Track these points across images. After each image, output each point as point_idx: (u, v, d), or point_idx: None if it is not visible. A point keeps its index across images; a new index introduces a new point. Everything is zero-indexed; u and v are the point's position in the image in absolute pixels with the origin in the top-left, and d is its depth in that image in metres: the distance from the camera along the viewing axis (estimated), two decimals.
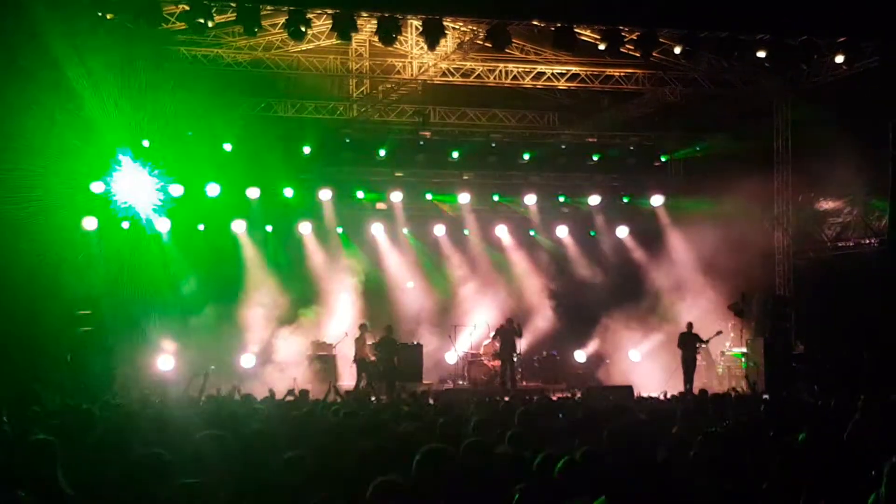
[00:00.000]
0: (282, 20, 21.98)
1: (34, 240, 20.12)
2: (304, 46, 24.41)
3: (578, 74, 25.73)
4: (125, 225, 26.68)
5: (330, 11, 20.71)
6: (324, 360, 25.87)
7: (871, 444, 8.37)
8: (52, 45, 18.41)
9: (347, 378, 25.50)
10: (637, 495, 6.01)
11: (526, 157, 28.74)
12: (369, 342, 25.20)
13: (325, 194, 28.27)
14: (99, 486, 6.96)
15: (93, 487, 6.94)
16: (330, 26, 21.22)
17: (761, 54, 22.16)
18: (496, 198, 29.96)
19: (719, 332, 25.24)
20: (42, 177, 20.28)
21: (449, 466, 6.42)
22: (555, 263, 30.50)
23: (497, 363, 26.29)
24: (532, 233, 30.95)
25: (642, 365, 26.96)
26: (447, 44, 23.93)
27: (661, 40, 22.27)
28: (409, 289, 29.56)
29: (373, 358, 24.89)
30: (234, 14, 20.38)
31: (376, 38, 21.53)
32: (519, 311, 28.84)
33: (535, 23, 22.02)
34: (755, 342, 24.36)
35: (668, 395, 19.03)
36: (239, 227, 28.11)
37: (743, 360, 25.13)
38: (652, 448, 8.15)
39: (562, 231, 30.81)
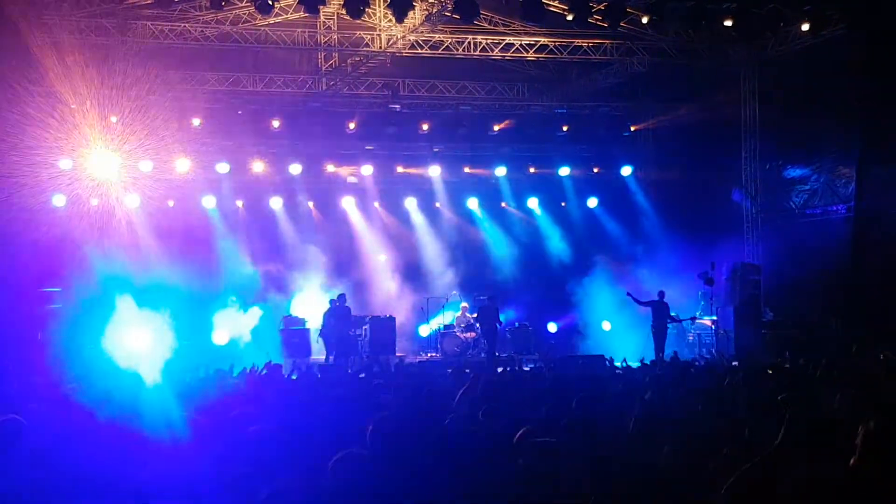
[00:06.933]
0: None
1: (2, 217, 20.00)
2: (271, 20, 24.27)
3: (547, 45, 25.72)
4: (94, 202, 26.61)
5: None
6: (296, 334, 25.89)
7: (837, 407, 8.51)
8: (18, 21, 18.20)
9: (319, 352, 25.56)
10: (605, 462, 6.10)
11: (496, 128, 28.76)
12: None
13: (296, 168, 28.22)
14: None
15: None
16: None
17: (728, 23, 22.24)
18: (467, 169, 30.01)
19: (693, 318, 25.51)
20: (9, 154, 20.13)
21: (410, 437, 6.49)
22: (526, 234, 30.59)
23: (470, 335, 26.47)
24: (503, 204, 31.01)
25: (614, 334, 27.12)
26: (415, 16, 23.83)
27: (628, 10, 22.30)
28: (381, 262, 29.57)
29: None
30: None
31: (344, 11, 21.44)
32: (491, 282, 28.97)
33: None
34: (725, 310, 24.56)
35: (640, 364, 19.18)
36: (209, 202, 28.03)
37: (713, 328, 25.34)
38: (623, 415, 8.23)
39: (533, 202, 30.89)
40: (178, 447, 7.47)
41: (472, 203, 30.72)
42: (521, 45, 25.80)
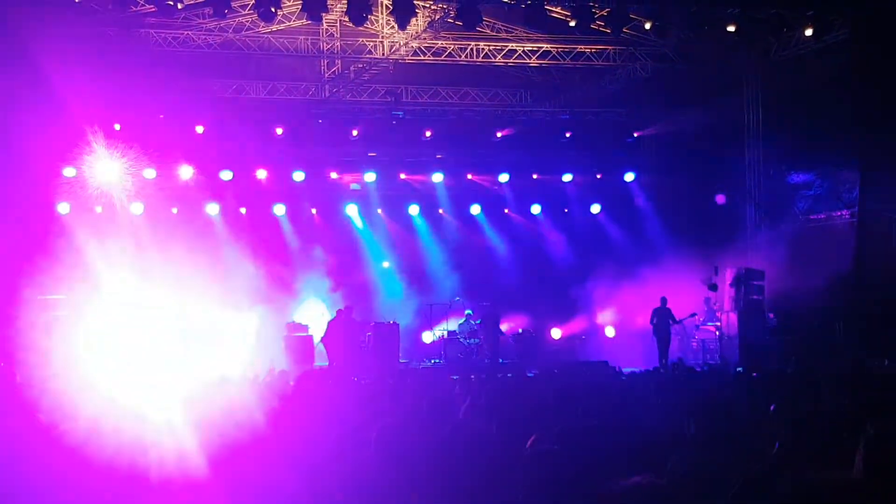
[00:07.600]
0: (252, 1, 21.89)
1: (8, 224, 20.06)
2: (274, 27, 24.36)
3: (550, 52, 25.74)
4: (98, 209, 26.65)
5: None
6: (300, 341, 25.88)
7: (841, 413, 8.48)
8: (24, 32, 18.28)
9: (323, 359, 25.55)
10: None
11: (499, 134, 28.77)
12: None
13: (299, 175, 28.21)
14: None
15: None
16: (300, 6, 21.16)
17: (731, 28, 22.25)
18: (470, 176, 29.99)
19: (694, 315, 25.44)
20: (14, 162, 20.20)
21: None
22: (529, 240, 30.56)
23: (473, 341, 26.47)
24: (506, 210, 30.98)
25: (617, 340, 27.10)
26: (418, 22, 23.86)
27: (631, 16, 22.30)
28: (384, 269, 29.55)
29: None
30: None
31: (347, 18, 21.47)
32: (494, 288, 28.94)
33: (505, 0, 22.03)
34: (729, 316, 24.53)
35: (643, 370, 19.16)
36: (213, 209, 28.03)
37: (717, 333, 25.32)
38: (626, 422, 8.22)
39: (536, 208, 30.85)
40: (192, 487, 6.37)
41: (475, 209, 30.67)
42: (523, 51, 25.82)
